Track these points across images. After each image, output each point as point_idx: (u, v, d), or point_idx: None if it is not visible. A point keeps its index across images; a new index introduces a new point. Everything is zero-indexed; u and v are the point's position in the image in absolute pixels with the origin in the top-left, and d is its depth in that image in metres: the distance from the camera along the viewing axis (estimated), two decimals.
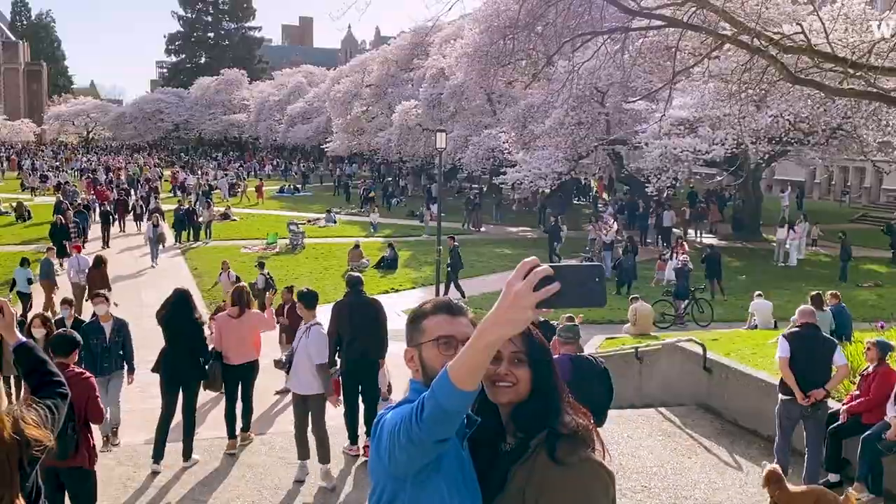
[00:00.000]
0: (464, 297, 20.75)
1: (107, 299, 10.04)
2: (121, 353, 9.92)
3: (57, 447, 3.14)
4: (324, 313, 8.87)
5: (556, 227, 27.23)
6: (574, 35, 14.84)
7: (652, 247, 29.40)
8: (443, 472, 2.37)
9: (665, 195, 29.59)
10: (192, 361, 8.84)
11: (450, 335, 2.50)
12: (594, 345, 14.07)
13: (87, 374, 6.50)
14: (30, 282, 18.11)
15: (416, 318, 2.61)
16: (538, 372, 2.52)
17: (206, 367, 8.98)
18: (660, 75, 28.40)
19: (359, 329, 8.94)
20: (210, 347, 9.32)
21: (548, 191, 34.06)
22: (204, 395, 9.74)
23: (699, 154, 26.53)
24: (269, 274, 18.01)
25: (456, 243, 21.88)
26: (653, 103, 25.92)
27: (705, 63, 13.40)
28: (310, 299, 8.46)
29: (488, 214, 37.25)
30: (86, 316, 11.51)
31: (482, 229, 34.79)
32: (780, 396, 7.87)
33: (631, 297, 17.03)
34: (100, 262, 17.90)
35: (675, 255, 23.56)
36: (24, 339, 3.37)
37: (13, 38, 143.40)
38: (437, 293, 19.68)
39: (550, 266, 2.00)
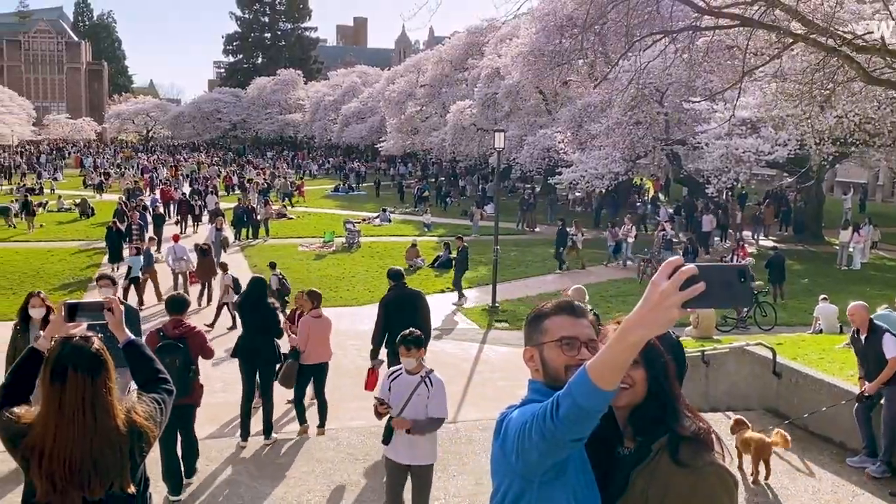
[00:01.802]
0: (462, 297, 20.75)
1: (112, 283, 9.08)
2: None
3: (178, 387, 3.31)
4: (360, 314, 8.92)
5: (563, 231, 26.22)
6: (644, 34, 14.68)
7: (712, 248, 28.96)
8: (569, 473, 2.37)
9: (725, 196, 29.13)
10: (267, 345, 9.31)
11: (573, 336, 2.50)
12: None
13: (198, 327, 8.01)
14: (141, 269, 19.66)
15: (536, 318, 2.60)
16: (654, 374, 2.51)
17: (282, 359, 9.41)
18: (720, 75, 28.00)
19: (403, 322, 9.01)
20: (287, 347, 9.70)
21: (603, 191, 33.77)
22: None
23: (761, 155, 26.07)
24: (282, 275, 18.12)
25: (465, 243, 21.87)
26: (713, 103, 25.56)
27: (775, 63, 13.15)
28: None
29: (542, 214, 37.07)
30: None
31: (536, 229, 34.66)
32: None
33: None
34: (205, 252, 20.03)
35: (735, 257, 23.21)
36: (132, 336, 3.43)
37: (76, 38, 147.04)
38: (494, 293, 19.65)
39: (696, 265, 1.98)
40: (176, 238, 21.95)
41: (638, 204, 38.17)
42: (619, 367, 2.06)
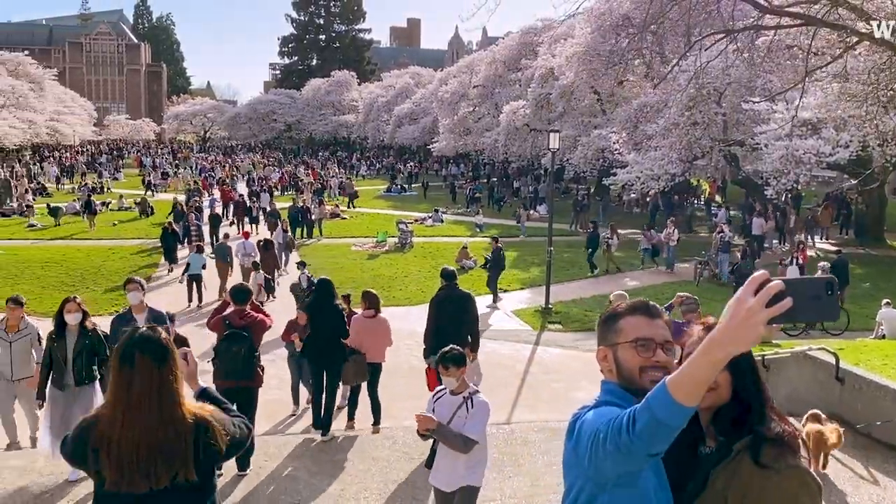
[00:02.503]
0: (497, 299, 20.71)
1: (141, 287, 8.51)
2: None
3: (242, 372, 3.34)
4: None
5: (594, 234, 25.64)
6: (705, 34, 14.48)
7: (769, 252, 28.46)
8: (644, 475, 2.34)
9: (784, 198, 28.57)
10: (335, 344, 9.56)
11: (648, 337, 2.45)
12: None
13: (261, 316, 8.34)
14: (203, 266, 20.02)
15: (610, 318, 2.57)
16: (739, 376, 2.47)
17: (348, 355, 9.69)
18: (780, 75, 27.52)
19: (452, 322, 9.56)
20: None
21: (658, 192, 33.37)
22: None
23: (822, 156, 25.52)
24: (311, 274, 18.32)
25: (499, 245, 21.75)
26: (773, 104, 25.10)
27: (838, 63, 12.87)
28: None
29: (596, 216, 36.79)
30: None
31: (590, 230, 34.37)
32: None
33: None
34: (269, 245, 21.37)
35: (795, 260, 22.76)
36: (204, 385, 3.50)
37: (135, 41, 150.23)
38: (547, 294, 19.56)
39: (782, 280, 1.93)
40: (246, 235, 23.48)
41: (686, 205, 37.59)
42: (702, 383, 2.01)
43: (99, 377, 8.02)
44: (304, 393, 11.62)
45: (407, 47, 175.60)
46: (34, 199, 40.30)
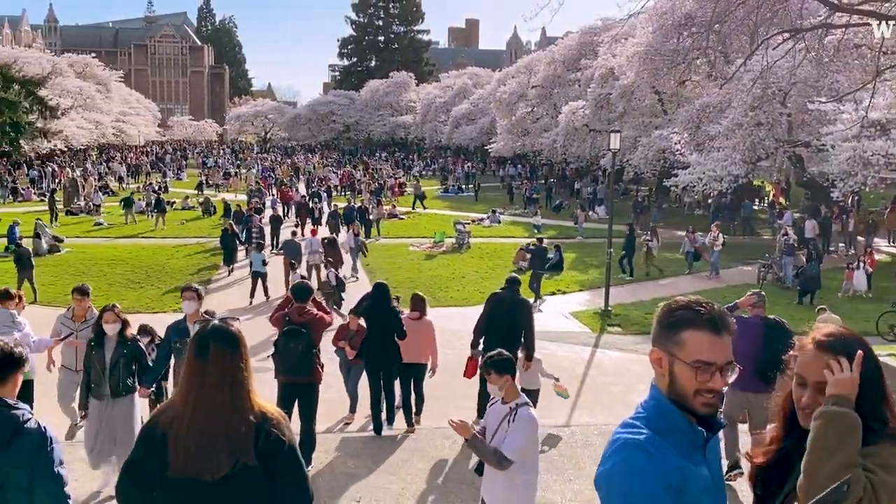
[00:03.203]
0: (538, 298, 20.40)
1: (197, 295, 8.33)
2: None
3: (301, 368, 3.41)
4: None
5: (631, 237, 24.85)
6: (772, 33, 14.19)
7: (835, 255, 27.78)
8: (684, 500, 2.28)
9: (851, 201, 27.84)
10: (391, 346, 9.75)
11: (710, 361, 2.30)
12: None
13: (321, 313, 8.51)
14: (264, 263, 20.60)
15: (674, 325, 2.37)
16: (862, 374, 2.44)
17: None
18: (847, 74, 26.83)
19: (504, 321, 9.85)
20: None
21: (719, 193, 32.81)
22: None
23: (891, 158, 24.81)
24: (338, 272, 18.38)
25: (542, 244, 21.52)
26: (840, 104, 24.48)
27: None
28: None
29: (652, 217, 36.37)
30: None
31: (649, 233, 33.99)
32: None
33: (818, 307, 16.11)
34: (334, 242, 22.07)
35: (862, 264, 22.19)
36: None
37: (199, 43, 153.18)
38: (607, 296, 19.35)
39: None
40: (314, 232, 24.38)
41: (745, 207, 36.79)
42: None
43: (136, 389, 7.82)
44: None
45: (465, 48, 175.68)
46: (101, 199, 41.36)
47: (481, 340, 10.06)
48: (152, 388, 8.18)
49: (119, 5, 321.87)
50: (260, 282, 20.22)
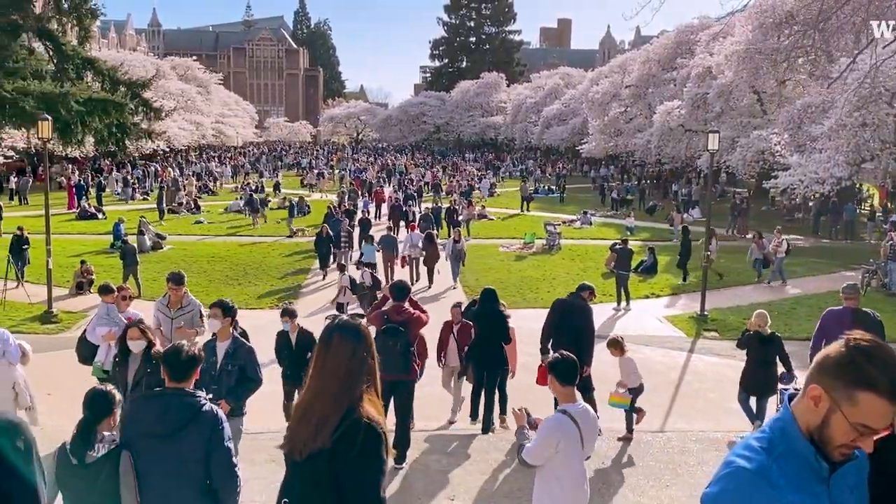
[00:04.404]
0: (628, 301, 20.10)
1: (223, 312, 7.42)
2: (234, 385, 7.14)
3: (399, 366, 3.49)
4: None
5: (688, 241, 23.71)
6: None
7: None
8: None
9: None
10: (497, 347, 9.99)
11: (874, 429, 2.18)
12: None
13: (418, 312, 8.61)
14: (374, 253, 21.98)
15: (857, 379, 2.17)
16: None
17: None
18: None
19: (567, 325, 9.97)
20: None
21: (820, 196, 31.70)
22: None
23: None
24: (372, 272, 18.30)
25: (627, 245, 21.12)
26: None
27: None
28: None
29: (754, 220, 35.40)
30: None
31: (748, 236, 33.04)
32: None
33: None
34: (431, 237, 22.80)
35: None
36: None
37: (294, 46, 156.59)
38: (703, 301, 18.89)
39: None
40: (412, 227, 25.37)
41: (846, 210, 35.39)
42: None
43: None
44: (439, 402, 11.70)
45: (556, 47, 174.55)
46: (201, 198, 42.76)
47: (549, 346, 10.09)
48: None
49: (219, 9, 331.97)
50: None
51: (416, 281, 22.55)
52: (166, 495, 4.34)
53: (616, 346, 9.95)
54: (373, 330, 8.26)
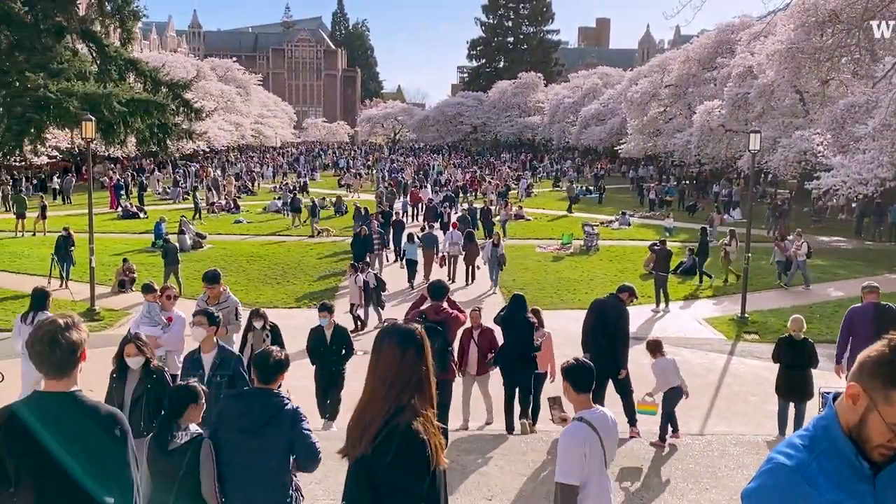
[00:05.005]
0: (667, 303, 19.94)
1: (208, 321, 7.13)
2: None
3: (437, 364, 3.54)
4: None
5: (705, 241, 23.71)
6: None
7: None
8: None
9: None
10: (525, 354, 9.95)
11: None
12: None
13: (456, 312, 8.63)
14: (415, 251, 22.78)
15: (894, 378, 2.18)
16: None
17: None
18: None
19: (598, 331, 9.90)
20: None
21: (864, 197, 31.14)
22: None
23: None
24: (376, 275, 18.18)
25: (660, 246, 20.84)
26: None
27: None
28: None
29: (794, 222, 34.84)
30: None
31: (789, 238, 32.52)
32: None
33: None
34: (473, 237, 23.50)
35: None
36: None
37: (332, 47, 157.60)
38: (744, 303, 18.67)
39: None
40: (454, 225, 25.60)
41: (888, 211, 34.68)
42: None
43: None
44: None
45: (595, 47, 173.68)
46: (240, 198, 43.20)
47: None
48: None
49: (258, 11, 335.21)
50: (411, 270, 22.23)
51: (453, 280, 22.70)
52: (244, 485, 4.75)
53: (649, 348, 9.90)
54: None
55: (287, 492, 4.86)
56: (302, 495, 5.12)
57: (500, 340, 10.48)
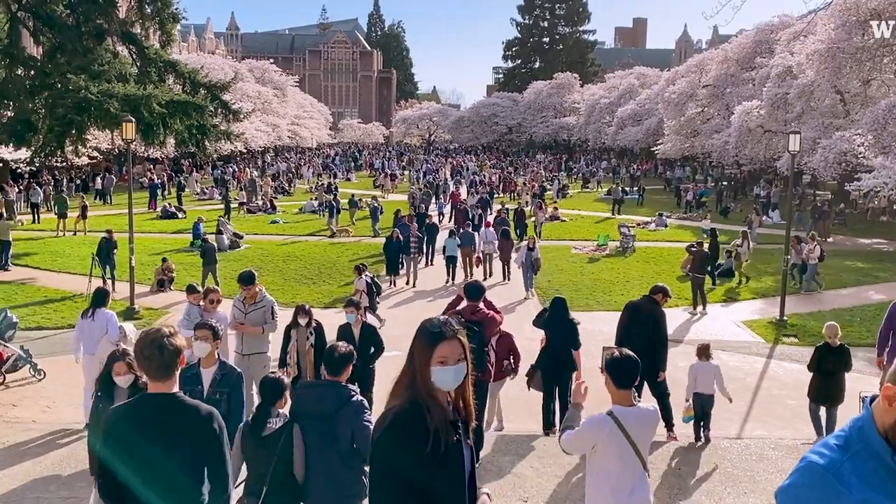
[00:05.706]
0: (704, 305, 19.64)
1: (213, 334, 6.71)
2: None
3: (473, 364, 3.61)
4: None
5: (715, 243, 23.56)
6: None
7: None
8: None
9: None
10: (567, 355, 10.02)
11: None
12: None
13: (492, 312, 8.61)
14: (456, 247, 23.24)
15: None
16: None
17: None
18: None
19: (635, 329, 9.82)
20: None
21: None
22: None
23: None
24: (372, 278, 17.99)
25: (703, 247, 20.83)
26: None
27: None
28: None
29: (836, 223, 34.38)
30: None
31: (829, 240, 32.12)
32: None
33: None
34: (508, 234, 24.27)
35: None
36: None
37: (368, 48, 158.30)
38: (782, 305, 18.44)
39: None
40: (488, 224, 26.00)
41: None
42: None
43: None
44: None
45: (631, 48, 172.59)
46: (276, 198, 43.54)
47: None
48: None
49: (295, 12, 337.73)
50: (451, 267, 22.82)
51: (490, 276, 23.69)
52: (319, 462, 5.25)
53: (698, 351, 9.92)
54: None
55: (357, 474, 5.24)
56: None
57: (520, 347, 10.33)
